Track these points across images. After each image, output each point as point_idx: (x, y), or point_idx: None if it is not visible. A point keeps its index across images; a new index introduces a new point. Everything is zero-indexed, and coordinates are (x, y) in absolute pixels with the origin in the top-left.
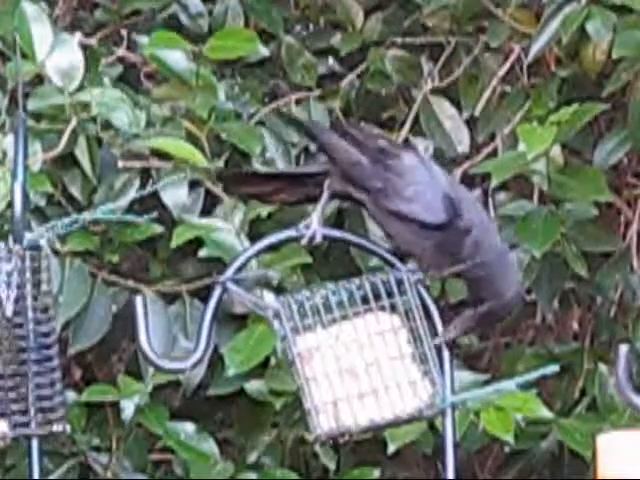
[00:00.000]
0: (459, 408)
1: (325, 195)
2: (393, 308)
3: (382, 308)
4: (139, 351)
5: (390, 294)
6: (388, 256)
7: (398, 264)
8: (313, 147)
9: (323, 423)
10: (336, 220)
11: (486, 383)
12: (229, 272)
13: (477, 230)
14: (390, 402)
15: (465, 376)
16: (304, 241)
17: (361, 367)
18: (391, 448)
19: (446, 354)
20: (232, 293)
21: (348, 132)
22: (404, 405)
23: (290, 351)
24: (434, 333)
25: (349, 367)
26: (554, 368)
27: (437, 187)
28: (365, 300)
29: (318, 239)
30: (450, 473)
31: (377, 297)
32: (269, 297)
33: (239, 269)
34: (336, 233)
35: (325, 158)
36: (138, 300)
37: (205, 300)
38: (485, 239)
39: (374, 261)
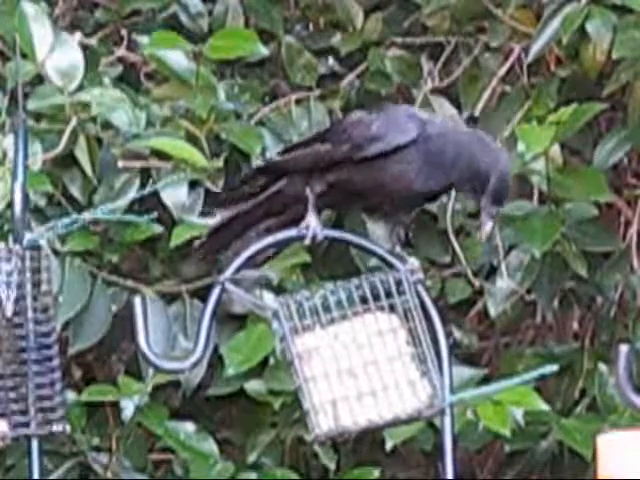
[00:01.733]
0: (457, 404)
1: (311, 195)
2: (392, 308)
3: (381, 308)
4: (138, 351)
5: (389, 294)
6: (387, 256)
7: (397, 264)
8: None
9: (322, 423)
10: (336, 220)
11: (484, 379)
12: (228, 272)
13: (445, 129)
14: (389, 402)
15: (464, 372)
16: (307, 241)
17: (360, 367)
18: (389, 445)
19: (445, 354)
20: (231, 293)
21: (289, 147)
22: (403, 405)
23: (289, 351)
24: (433, 333)
25: (348, 367)
26: (553, 368)
27: (394, 114)
28: (364, 300)
29: (320, 238)
30: (449, 472)
31: (376, 297)
32: (268, 297)
33: (238, 269)
34: (336, 233)
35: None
36: (137, 301)
37: (205, 300)
38: (461, 134)
39: (373, 261)
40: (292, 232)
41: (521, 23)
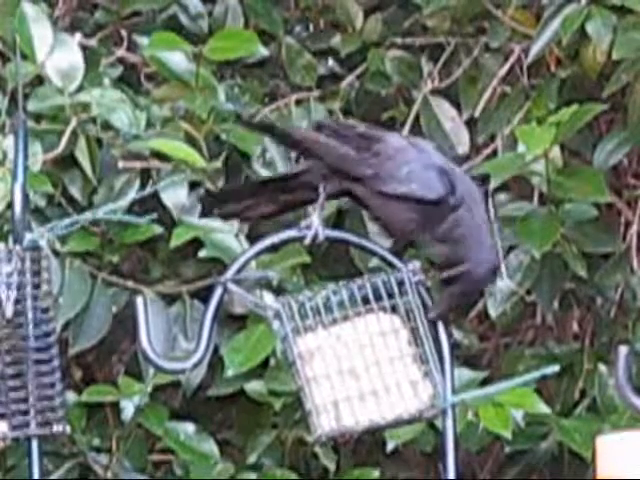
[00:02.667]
0: (458, 405)
1: (322, 195)
2: (394, 309)
3: (383, 309)
4: (140, 352)
5: (391, 295)
6: (389, 257)
7: (399, 265)
8: None
9: (324, 423)
10: (336, 220)
11: (485, 380)
12: (230, 272)
13: (463, 207)
14: (391, 403)
15: (464, 374)
16: (307, 241)
17: (362, 368)
18: (390, 446)
19: (447, 354)
20: (233, 294)
21: (323, 126)
22: (405, 405)
23: (291, 351)
24: (435, 334)
25: (350, 368)
26: (554, 368)
27: (429, 163)
28: (366, 301)
29: (321, 238)
30: (451, 473)
31: (378, 298)
32: (269, 298)
33: (240, 269)
34: (338, 233)
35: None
36: (139, 301)
37: (205, 301)
38: (469, 216)
39: (374, 261)
40: (293, 232)
41: (521, 24)
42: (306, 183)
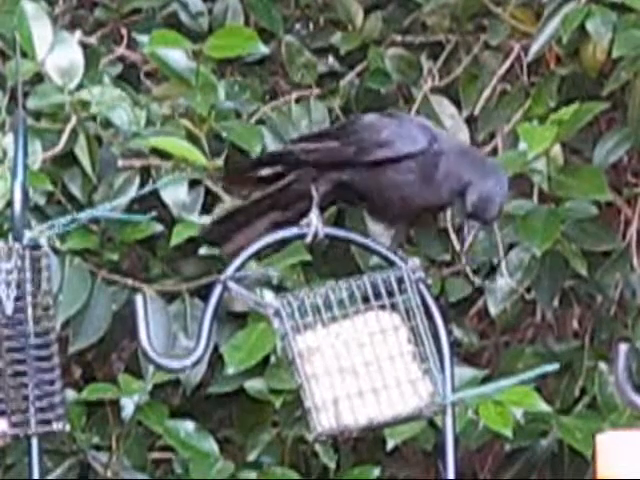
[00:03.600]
0: (458, 403)
1: (315, 195)
2: (394, 307)
3: (382, 307)
4: (140, 350)
5: (391, 293)
6: (389, 255)
7: (399, 262)
8: None
9: (323, 421)
10: (336, 219)
11: (485, 379)
12: (230, 270)
13: (450, 150)
14: (390, 401)
15: (465, 372)
16: (308, 239)
17: (361, 365)
18: (390, 444)
19: (446, 352)
20: (233, 292)
21: (296, 139)
22: (404, 404)
23: (290, 349)
24: (434, 331)
25: (349, 365)
26: (554, 366)
27: (406, 122)
28: (366, 299)
29: (321, 235)
30: (451, 471)
31: (378, 296)
32: (269, 296)
33: (240, 267)
34: (337, 231)
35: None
36: (138, 299)
37: (205, 299)
38: (459, 154)
39: (374, 260)
40: (293, 230)
41: (521, 22)
42: (299, 192)
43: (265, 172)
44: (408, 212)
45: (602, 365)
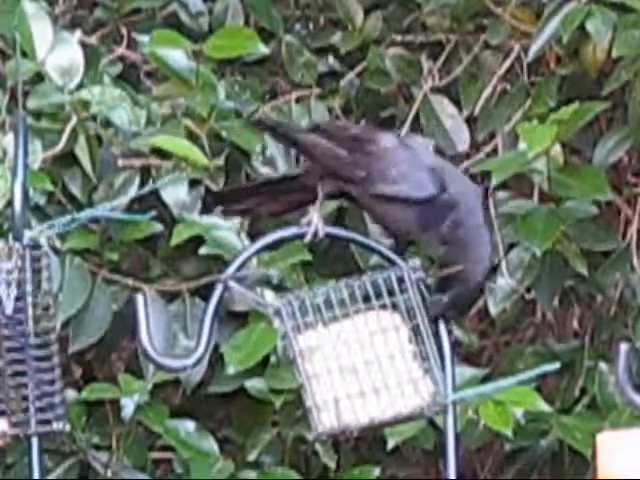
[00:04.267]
0: (459, 402)
1: (320, 194)
2: (394, 306)
3: (383, 306)
4: (140, 350)
5: (391, 292)
6: (390, 254)
7: (399, 262)
8: None
9: (324, 421)
10: (336, 219)
11: (485, 378)
12: (231, 270)
13: (461, 207)
14: (391, 400)
15: (464, 371)
16: (308, 237)
17: (362, 365)
18: (390, 443)
19: (447, 352)
20: (234, 291)
21: (319, 127)
22: (405, 403)
23: (291, 349)
24: (435, 331)
25: (350, 365)
26: (554, 366)
27: (420, 162)
28: (366, 298)
29: (321, 234)
30: (452, 471)
31: (378, 295)
32: (269, 295)
33: (240, 267)
34: (338, 231)
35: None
36: (139, 299)
37: (205, 298)
38: (468, 216)
39: (374, 259)
40: (293, 229)
41: (521, 21)
42: (305, 185)
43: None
44: (401, 238)
45: (602, 365)
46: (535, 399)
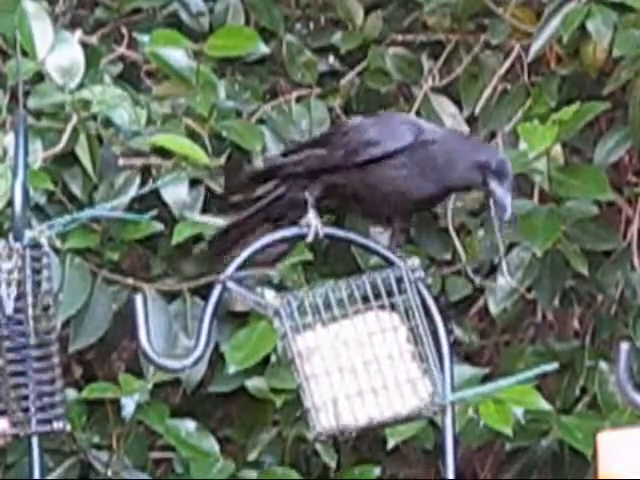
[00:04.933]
0: (458, 403)
1: (310, 198)
2: (393, 306)
3: (382, 306)
4: (139, 349)
5: (390, 292)
6: (389, 254)
7: (398, 262)
8: None
9: (323, 421)
10: (336, 219)
11: (485, 377)
12: (230, 270)
13: (442, 137)
14: (390, 400)
15: (464, 371)
16: (309, 238)
17: (361, 365)
18: (390, 443)
19: (446, 352)
20: (232, 291)
21: (285, 151)
22: (404, 403)
23: (290, 349)
24: (434, 331)
25: (349, 365)
26: (554, 366)
27: (390, 121)
28: (365, 298)
29: (322, 234)
30: (450, 471)
31: (377, 295)
32: (269, 295)
33: (240, 267)
34: (338, 231)
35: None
36: (138, 299)
37: (205, 298)
38: (453, 138)
39: (374, 260)
40: (293, 230)
41: (521, 21)
42: (291, 201)
43: (261, 190)
44: (402, 208)
45: (603, 364)
46: (535, 398)
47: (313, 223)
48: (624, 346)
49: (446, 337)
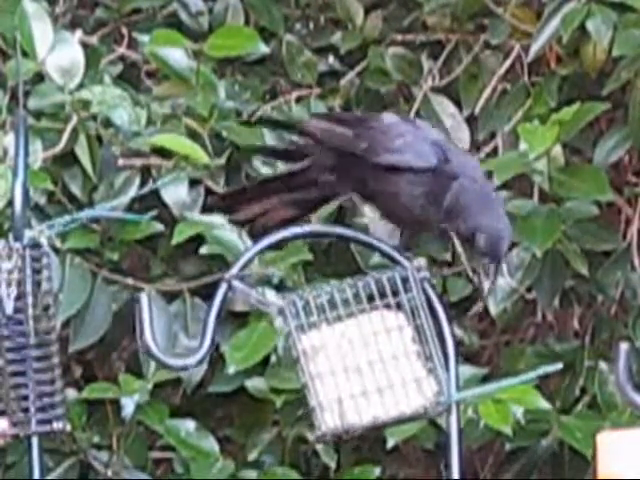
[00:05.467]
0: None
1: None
2: (398, 306)
3: (387, 306)
4: (144, 348)
5: (395, 292)
6: (394, 254)
7: (404, 262)
8: None
9: (328, 420)
10: (337, 217)
11: (485, 377)
12: (235, 269)
13: (463, 177)
14: (395, 400)
15: (464, 370)
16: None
17: (366, 365)
18: (390, 442)
19: (451, 351)
20: (238, 290)
21: (324, 115)
22: (409, 403)
23: (295, 348)
24: (439, 330)
25: (354, 364)
26: (557, 366)
27: (423, 135)
28: (370, 298)
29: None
30: (455, 471)
31: (382, 295)
32: (270, 295)
33: (243, 266)
34: (346, 231)
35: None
36: (143, 298)
37: (206, 298)
38: (471, 184)
39: (376, 258)
40: (294, 229)
41: (521, 21)
42: (310, 180)
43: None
44: (410, 220)
45: (602, 365)
46: (534, 396)
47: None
48: (624, 346)
49: (451, 337)
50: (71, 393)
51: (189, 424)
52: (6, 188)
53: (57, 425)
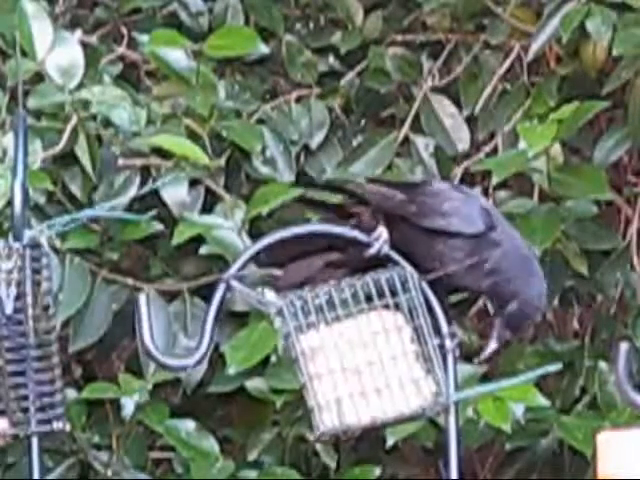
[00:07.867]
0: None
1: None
2: (397, 306)
3: (386, 306)
4: (143, 349)
5: (394, 292)
6: (393, 254)
7: (402, 262)
8: (314, 145)
9: (326, 421)
10: None
11: (484, 376)
12: (233, 269)
13: (506, 243)
14: (393, 400)
15: (463, 369)
16: (373, 250)
17: (364, 365)
18: (390, 441)
19: (449, 351)
20: (236, 290)
21: (374, 179)
22: (407, 403)
23: (293, 349)
24: (437, 331)
25: (352, 365)
26: (557, 366)
27: (472, 201)
28: (369, 298)
29: (382, 252)
30: (453, 471)
31: (381, 295)
32: (270, 295)
33: (243, 266)
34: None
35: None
36: (142, 298)
37: (205, 298)
38: (514, 250)
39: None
40: (294, 229)
41: (521, 21)
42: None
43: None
44: (447, 286)
45: (602, 364)
46: (534, 395)
47: (383, 237)
48: (623, 346)
49: (449, 337)
50: (71, 393)
51: (189, 424)
52: (6, 188)
53: (57, 425)
